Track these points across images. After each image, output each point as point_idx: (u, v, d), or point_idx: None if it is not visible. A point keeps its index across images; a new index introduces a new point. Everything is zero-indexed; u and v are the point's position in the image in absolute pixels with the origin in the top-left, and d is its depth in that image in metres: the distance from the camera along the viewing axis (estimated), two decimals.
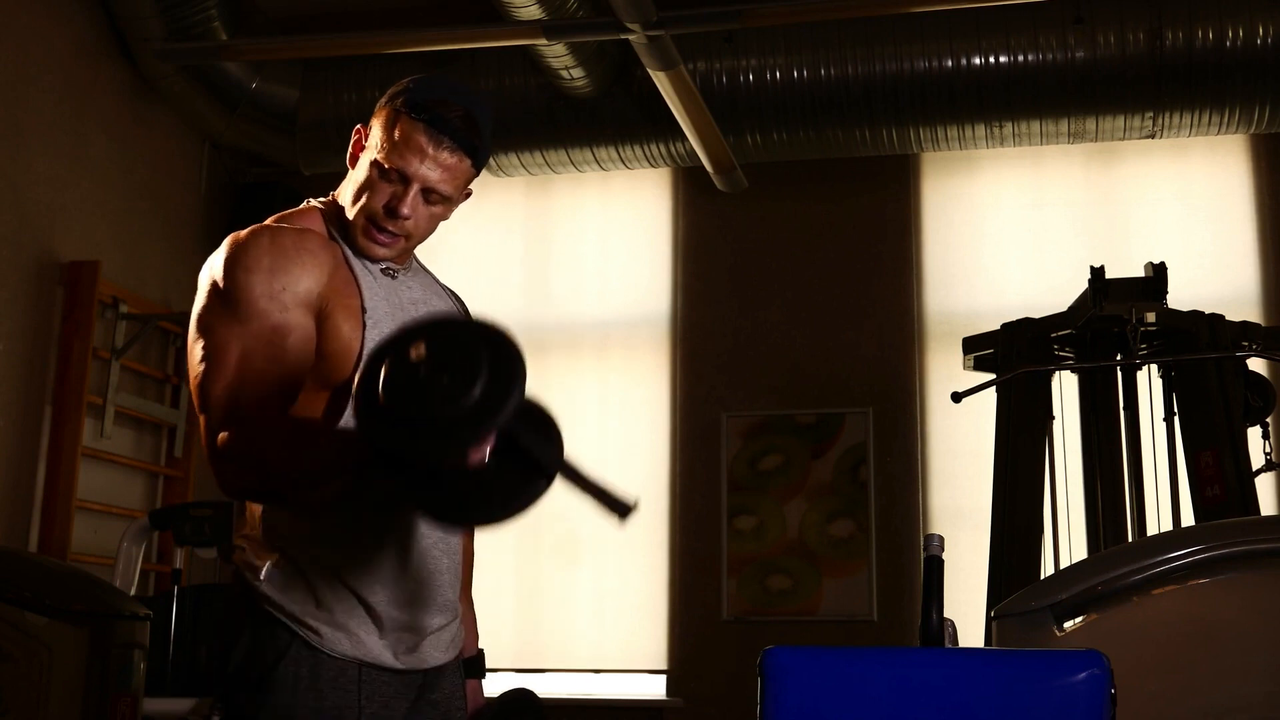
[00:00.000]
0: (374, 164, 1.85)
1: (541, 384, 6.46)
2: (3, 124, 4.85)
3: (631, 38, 4.67)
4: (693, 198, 6.07)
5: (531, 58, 5.22)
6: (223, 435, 1.75)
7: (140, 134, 5.64)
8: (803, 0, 4.86)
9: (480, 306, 2.15)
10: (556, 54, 5.09)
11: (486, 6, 4.89)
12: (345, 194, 1.90)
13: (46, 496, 4.91)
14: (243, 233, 1.85)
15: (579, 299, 6.10)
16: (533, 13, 4.71)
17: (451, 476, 1.60)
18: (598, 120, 5.54)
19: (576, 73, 5.24)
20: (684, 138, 5.38)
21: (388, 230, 1.86)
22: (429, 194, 1.85)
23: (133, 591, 4.66)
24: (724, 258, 6.03)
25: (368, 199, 1.85)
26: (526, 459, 1.63)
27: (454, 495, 1.63)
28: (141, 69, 5.46)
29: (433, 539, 1.88)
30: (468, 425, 1.54)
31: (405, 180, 1.84)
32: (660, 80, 4.91)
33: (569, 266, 6.16)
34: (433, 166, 1.83)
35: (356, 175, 1.88)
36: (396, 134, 1.83)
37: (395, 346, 1.61)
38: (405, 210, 1.84)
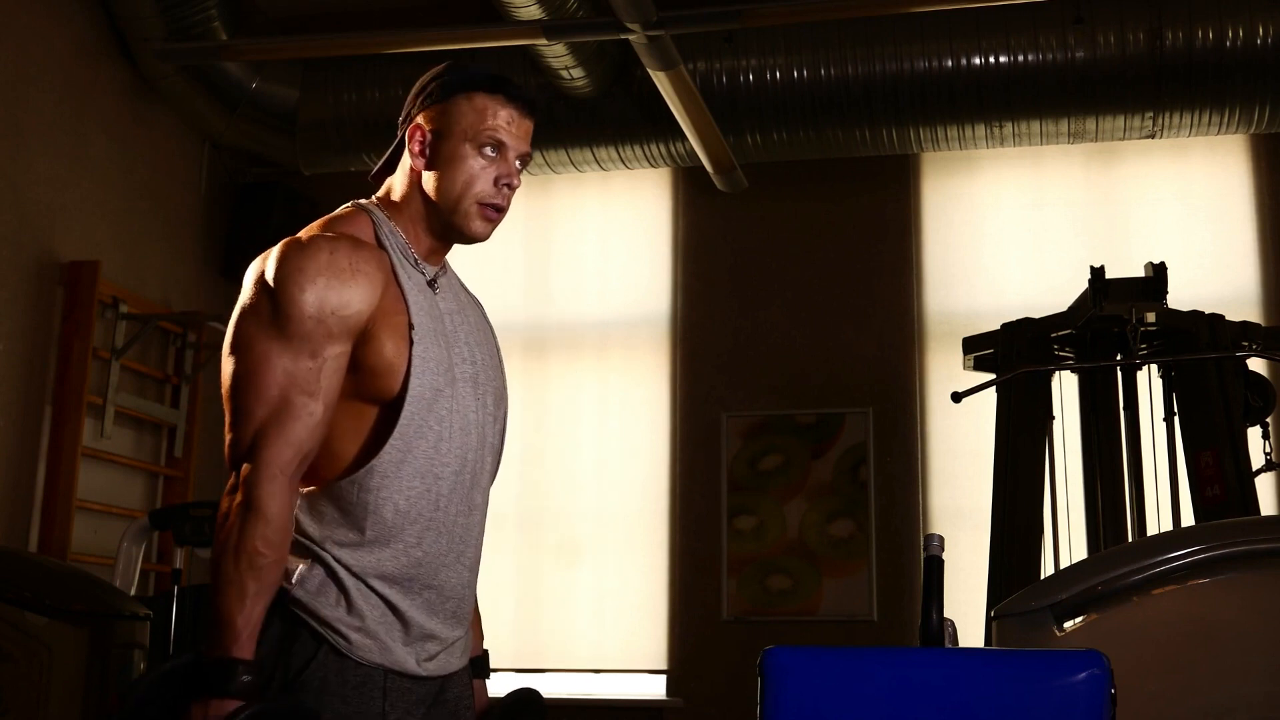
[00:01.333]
0: (467, 147, 1.90)
1: (542, 384, 6.43)
2: (3, 124, 4.85)
3: (631, 38, 4.67)
4: (693, 198, 6.07)
5: (531, 58, 5.22)
6: (247, 468, 1.74)
7: (140, 134, 5.64)
8: (803, 0, 4.86)
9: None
10: (556, 54, 5.09)
11: (486, 6, 4.89)
12: (435, 188, 1.91)
13: (46, 496, 4.91)
14: (302, 238, 1.85)
15: (579, 299, 6.10)
16: (533, 13, 4.71)
17: None
18: (598, 120, 5.54)
19: (576, 73, 5.24)
20: (684, 138, 5.38)
21: (497, 205, 1.93)
22: (522, 158, 1.95)
23: (133, 591, 4.66)
24: (724, 258, 6.03)
25: (474, 183, 1.90)
26: None
27: None
28: (141, 69, 5.47)
29: (459, 549, 1.90)
30: None
31: (503, 150, 1.92)
32: (660, 80, 4.91)
33: (569, 266, 6.16)
34: (521, 132, 1.94)
35: (445, 169, 1.90)
36: (483, 111, 1.90)
37: None
38: (517, 180, 1.94)
